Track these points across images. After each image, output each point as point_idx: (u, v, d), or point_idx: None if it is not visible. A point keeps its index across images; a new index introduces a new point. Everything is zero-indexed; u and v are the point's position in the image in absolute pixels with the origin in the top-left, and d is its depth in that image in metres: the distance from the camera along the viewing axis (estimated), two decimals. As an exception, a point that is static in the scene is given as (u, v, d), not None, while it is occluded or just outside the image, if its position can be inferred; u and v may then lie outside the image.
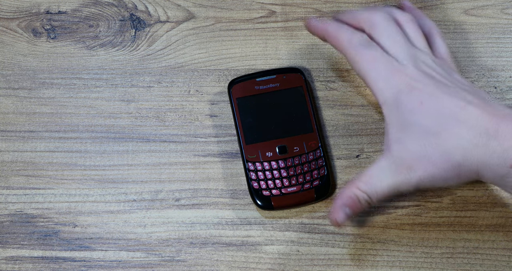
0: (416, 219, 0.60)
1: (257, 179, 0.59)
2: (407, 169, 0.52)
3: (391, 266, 0.59)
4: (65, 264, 0.59)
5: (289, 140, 0.59)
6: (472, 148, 0.50)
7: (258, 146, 0.59)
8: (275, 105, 0.60)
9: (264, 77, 0.61)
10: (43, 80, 0.65)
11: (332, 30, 0.57)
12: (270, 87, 0.61)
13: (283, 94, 0.61)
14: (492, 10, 0.68)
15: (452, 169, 0.51)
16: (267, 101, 0.61)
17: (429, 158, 0.51)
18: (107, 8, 0.68)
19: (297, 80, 0.61)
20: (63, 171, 0.62)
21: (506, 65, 0.65)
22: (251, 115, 0.60)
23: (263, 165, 0.59)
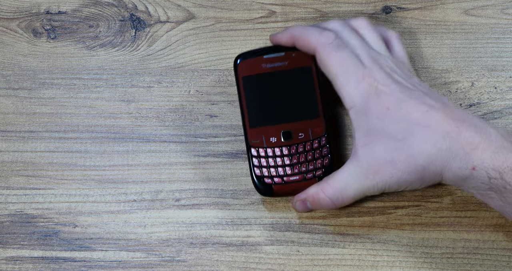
0: (416, 219, 0.60)
1: (260, 166, 0.57)
2: (373, 173, 0.53)
3: (391, 266, 0.59)
4: (65, 264, 0.59)
5: (294, 125, 0.57)
6: (436, 151, 0.51)
7: (263, 130, 0.57)
8: (281, 86, 0.57)
9: (273, 54, 0.58)
10: (43, 80, 0.65)
11: (298, 33, 0.57)
12: (278, 66, 0.57)
13: (291, 75, 0.57)
14: (492, 10, 0.68)
15: (416, 172, 0.52)
16: (274, 82, 0.57)
17: (395, 163, 0.52)
18: (107, 8, 0.68)
19: (306, 60, 0.58)
20: (63, 171, 0.62)
21: (506, 65, 0.65)
22: (257, 96, 0.57)
23: (266, 152, 0.57)
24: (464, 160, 0.51)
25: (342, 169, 0.55)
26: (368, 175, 0.53)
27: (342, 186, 0.54)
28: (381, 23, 0.67)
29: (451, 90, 0.65)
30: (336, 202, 0.55)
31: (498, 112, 0.64)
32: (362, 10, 0.68)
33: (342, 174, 0.55)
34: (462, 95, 0.65)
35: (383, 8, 0.68)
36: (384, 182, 0.53)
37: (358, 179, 0.54)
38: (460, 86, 0.65)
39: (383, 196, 0.61)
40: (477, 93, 0.65)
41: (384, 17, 0.68)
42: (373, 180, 0.53)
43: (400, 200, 0.61)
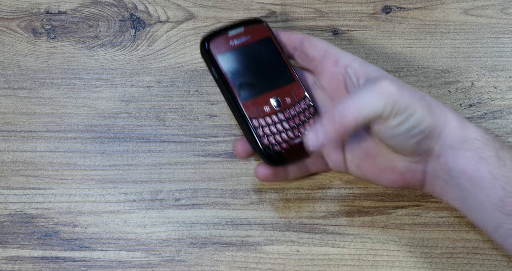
0: (416, 219, 0.60)
1: (265, 135, 0.56)
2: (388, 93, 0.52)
3: (391, 266, 0.59)
4: (65, 264, 0.59)
5: (278, 92, 0.57)
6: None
7: (254, 102, 0.57)
8: (253, 58, 0.58)
9: (235, 30, 0.58)
10: (43, 80, 0.65)
11: (303, 35, 0.59)
12: (244, 41, 0.57)
13: (257, 47, 0.58)
14: (492, 10, 0.68)
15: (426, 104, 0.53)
16: (246, 55, 0.57)
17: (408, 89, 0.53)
18: (107, 8, 0.68)
19: (264, 31, 0.59)
20: (63, 171, 0.62)
21: (506, 65, 0.66)
22: (236, 71, 0.57)
23: (265, 120, 0.57)
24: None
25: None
26: (385, 95, 0.51)
27: (359, 102, 0.52)
28: (381, 23, 0.67)
29: (451, 90, 0.65)
30: (347, 118, 0.51)
31: (498, 112, 0.64)
32: (362, 10, 0.68)
33: (358, 94, 0.53)
34: (462, 95, 0.65)
35: (383, 8, 0.68)
36: (395, 101, 0.51)
37: (375, 98, 0.52)
38: (460, 86, 0.65)
39: (383, 196, 0.61)
40: (477, 93, 0.65)
41: (384, 17, 0.68)
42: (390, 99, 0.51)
43: (400, 200, 0.61)
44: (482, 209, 0.52)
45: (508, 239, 0.52)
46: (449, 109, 0.54)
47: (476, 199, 0.52)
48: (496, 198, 0.51)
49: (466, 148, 0.52)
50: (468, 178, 0.52)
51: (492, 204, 0.51)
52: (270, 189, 0.61)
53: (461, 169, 0.52)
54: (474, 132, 0.53)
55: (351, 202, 0.61)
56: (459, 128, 0.53)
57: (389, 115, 0.51)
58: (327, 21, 0.68)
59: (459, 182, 0.53)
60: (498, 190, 0.51)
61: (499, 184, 0.51)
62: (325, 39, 0.60)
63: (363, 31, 0.67)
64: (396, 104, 0.51)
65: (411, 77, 0.65)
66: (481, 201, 0.52)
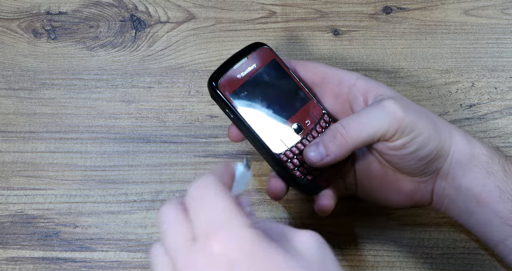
0: (416, 220, 0.60)
1: (296, 167, 0.54)
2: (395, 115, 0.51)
3: (392, 267, 0.59)
4: (66, 265, 0.59)
5: (297, 116, 0.55)
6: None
7: (277, 135, 0.55)
8: (264, 87, 0.55)
9: (239, 62, 0.55)
10: (44, 81, 0.65)
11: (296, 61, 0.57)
12: (250, 71, 0.55)
13: (265, 73, 0.56)
14: (492, 11, 0.68)
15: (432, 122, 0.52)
16: (256, 87, 0.55)
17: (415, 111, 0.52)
18: (108, 9, 0.68)
19: (267, 54, 0.56)
20: (64, 172, 0.62)
21: (507, 66, 0.66)
22: (251, 107, 0.55)
23: (292, 151, 0.55)
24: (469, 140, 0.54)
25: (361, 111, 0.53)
26: (390, 115, 0.51)
27: (363, 117, 0.52)
28: (382, 24, 0.67)
29: (451, 91, 0.65)
30: (350, 133, 0.51)
31: (498, 113, 0.64)
32: (362, 10, 0.68)
33: (362, 112, 0.52)
34: (462, 95, 0.65)
35: (383, 8, 0.68)
36: (400, 122, 0.51)
37: (379, 117, 0.51)
38: (460, 86, 0.65)
39: (383, 196, 0.61)
40: (477, 94, 0.65)
41: (384, 17, 0.68)
42: (394, 119, 0.51)
43: (401, 200, 0.61)
44: (489, 224, 0.52)
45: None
46: (453, 126, 0.54)
47: (483, 214, 0.52)
48: (504, 212, 0.51)
49: (474, 163, 0.52)
50: (476, 194, 0.52)
51: (500, 218, 0.51)
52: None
53: (468, 186, 0.52)
54: (480, 148, 0.53)
55: (351, 202, 0.61)
56: (465, 144, 0.53)
57: (393, 135, 0.51)
58: (328, 22, 0.68)
59: (466, 198, 0.53)
60: (506, 203, 0.51)
61: (507, 197, 0.51)
62: (319, 62, 0.59)
63: (363, 32, 0.67)
64: (401, 125, 0.50)
65: (411, 77, 0.65)
66: (488, 216, 0.52)
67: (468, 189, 0.52)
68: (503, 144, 0.63)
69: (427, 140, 0.51)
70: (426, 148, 0.51)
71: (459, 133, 0.53)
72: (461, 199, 0.53)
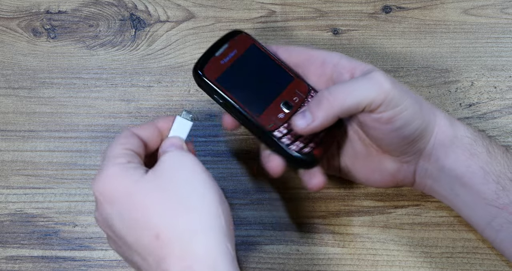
0: (415, 219, 0.60)
1: (290, 142, 0.55)
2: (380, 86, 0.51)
3: (391, 266, 0.59)
4: (65, 264, 0.59)
5: (284, 95, 0.56)
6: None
7: (268, 113, 0.55)
8: (248, 70, 0.56)
9: (220, 49, 0.56)
10: (43, 79, 0.65)
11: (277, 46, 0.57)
12: (232, 56, 0.56)
13: (247, 57, 0.57)
14: (491, 10, 0.68)
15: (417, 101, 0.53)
16: (240, 70, 0.56)
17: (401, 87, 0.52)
18: (107, 8, 0.68)
19: (246, 40, 0.57)
20: (63, 171, 0.62)
21: (506, 65, 0.66)
22: (239, 89, 0.56)
23: (285, 127, 0.55)
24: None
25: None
26: (377, 85, 0.51)
27: (350, 85, 0.52)
28: (381, 23, 0.67)
29: (450, 90, 0.65)
30: (336, 98, 0.51)
31: (498, 112, 0.64)
32: (362, 9, 0.68)
33: (350, 81, 0.52)
34: (462, 94, 0.65)
35: (383, 8, 0.68)
36: (387, 93, 0.51)
37: (367, 86, 0.51)
38: (459, 85, 0.65)
39: (382, 196, 0.61)
40: (476, 93, 0.65)
41: (384, 16, 0.68)
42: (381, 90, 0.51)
43: (400, 199, 0.61)
44: (474, 205, 0.53)
45: (500, 233, 0.52)
46: (437, 108, 0.54)
47: (467, 195, 0.53)
48: (489, 192, 0.52)
49: (457, 145, 0.53)
50: (459, 175, 0.52)
51: (485, 199, 0.52)
52: (270, 189, 0.61)
53: (452, 166, 0.53)
54: (463, 130, 0.53)
55: (351, 202, 0.61)
56: (448, 126, 0.53)
57: (379, 106, 0.51)
58: (327, 21, 0.68)
59: (450, 180, 0.53)
60: (491, 184, 0.52)
61: (492, 178, 0.52)
62: (309, 40, 0.59)
63: (363, 31, 0.67)
64: (388, 97, 0.50)
65: (411, 77, 0.65)
66: (473, 197, 0.52)
67: (452, 169, 0.53)
68: (502, 143, 0.63)
69: (411, 117, 0.51)
70: (411, 125, 0.51)
71: (443, 116, 0.54)
72: (445, 180, 0.53)
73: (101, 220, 0.49)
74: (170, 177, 0.47)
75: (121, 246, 0.49)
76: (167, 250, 0.44)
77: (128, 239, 0.47)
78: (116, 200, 0.47)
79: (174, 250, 0.44)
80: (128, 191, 0.47)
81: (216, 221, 0.46)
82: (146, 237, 0.45)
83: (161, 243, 0.45)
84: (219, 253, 0.45)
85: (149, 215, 0.46)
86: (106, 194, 0.48)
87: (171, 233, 0.45)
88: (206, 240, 0.45)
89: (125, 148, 0.50)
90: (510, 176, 0.52)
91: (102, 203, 0.48)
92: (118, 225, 0.47)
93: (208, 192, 0.47)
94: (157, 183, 0.47)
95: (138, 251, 0.46)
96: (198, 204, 0.46)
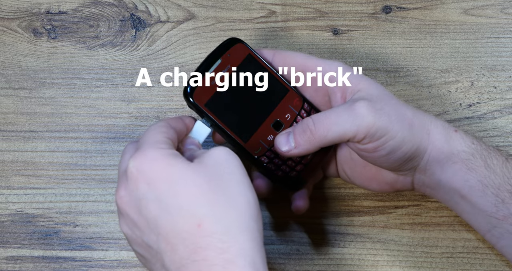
0: (416, 219, 0.60)
1: (278, 167, 0.55)
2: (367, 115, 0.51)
3: (391, 266, 0.59)
4: (66, 264, 0.59)
5: (276, 112, 0.55)
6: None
7: (256, 137, 0.55)
8: (241, 88, 0.55)
9: (213, 66, 0.54)
10: (44, 80, 0.66)
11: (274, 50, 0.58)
12: (225, 72, 0.54)
13: (241, 72, 0.55)
14: (492, 10, 0.68)
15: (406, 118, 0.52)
16: (232, 90, 0.54)
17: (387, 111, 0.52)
18: (108, 8, 0.68)
19: (242, 50, 0.55)
20: (64, 171, 0.62)
21: (506, 65, 0.66)
22: (228, 112, 0.54)
23: (272, 152, 0.55)
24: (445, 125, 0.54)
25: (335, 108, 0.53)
26: (358, 119, 0.51)
27: (333, 117, 0.52)
28: (381, 23, 0.68)
29: (451, 90, 0.65)
30: (318, 131, 0.52)
31: (498, 112, 0.64)
32: (362, 10, 0.68)
33: (333, 111, 0.53)
34: (462, 95, 0.65)
35: (383, 8, 0.68)
36: (369, 127, 0.51)
37: (348, 120, 0.51)
38: (460, 86, 0.65)
39: (383, 196, 0.61)
40: (477, 93, 0.65)
41: (384, 17, 0.68)
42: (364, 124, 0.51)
43: (400, 199, 0.61)
44: (474, 214, 0.53)
45: (501, 240, 0.52)
46: (432, 122, 0.53)
47: (467, 205, 0.53)
48: (488, 205, 0.52)
49: (453, 161, 0.53)
50: (457, 188, 0.52)
51: (484, 211, 0.52)
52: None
53: (449, 180, 0.53)
54: (460, 144, 0.53)
55: (351, 202, 0.61)
56: (444, 142, 0.53)
57: (363, 139, 0.51)
58: (327, 21, 0.68)
59: (448, 191, 0.53)
60: (489, 197, 0.52)
61: (490, 191, 0.52)
62: (298, 51, 0.58)
63: (363, 31, 0.67)
64: (370, 131, 0.51)
65: (411, 77, 0.65)
66: (472, 208, 0.52)
67: (449, 183, 0.53)
68: (502, 143, 0.63)
69: (399, 144, 0.51)
70: (399, 151, 0.52)
71: (438, 132, 0.53)
72: (443, 191, 0.54)
73: (128, 199, 0.47)
74: (219, 172, 0.46)
75: (141, 228, 0.47)
76: (208, 240, 0.44)
77: (161, 223, 0.45)
78: (157, 183, 0.45)
79: (216, 241, 0.44)
80: (172, 177, 0.45)
81: (256, 224, 0.45)
82: (186, 224, 0.44)
83: (203, 232, 0.44)
84: (257, 252, 0.45)
85: (195, 204, 0.44)
86: (147, 174, 0.46)
87: (216, 225, 0.44)
88: (250, 238, 0.44)
89: (167, 137, 0.49)
90: (509, 188, 0.52)
91: (139, 182, 0.46)
92: (152, 207, 0.45)
93: (251, 196, 0.46)
94: (205, 175, 0.46)
95: (168, 237, 0.45)
96: (243, 204, 0.45)
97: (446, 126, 0.54)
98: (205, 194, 0.45)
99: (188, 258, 0.44)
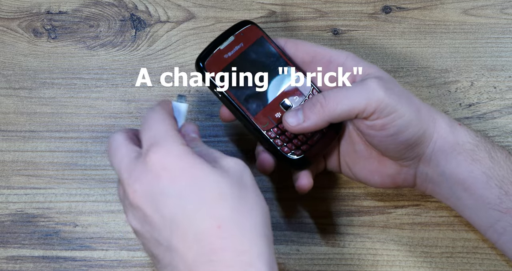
0: (415, 219, 0.60)
1: (283, 143, 0.55)
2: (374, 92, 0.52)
3: (391, 266, 0.59)
4: (66, 264, 0.59)
5: (285, 92, 0.56)
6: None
7: (265, 112, 0.56)
8: (251, 66, 0.56)
9: (226, 42, 0.56)
10: (44, 80, 0.66)
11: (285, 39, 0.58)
12: (237, 50, 0.56)
13: (252, 51, 0.56)
14: (491, 10, 0.68)
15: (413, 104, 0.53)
16: (243, 66, 0.56)
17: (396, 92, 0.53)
18: (108, 8, 0.68)
19: (254, 32, 0.57)
20: (64, 171, 0.62)
21: (506, 65, 0.66)
22: (239, 86, 0.55)
23: (279, 128, 0.55)
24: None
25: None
26: (369, 93, 0.52)
27: (343, 91, 0.53)
28: (381, 23, 0.68)
29: (450, 90, 0.65)
30: (328, 104, 0.52)
31: (498, 112, 0.64)
32: (362, 10, 0.68)
33: (345, 86, 0.53)
34: (461, 95, 0.65)
35: (382, 8, 0.68)
36: (380, 101, 0.51)
37: (359, 94, 0.52)
38: (459, 86, 0.65)
39: (382, 196, 0.61)
40: (476, 93, 0.65)
41: (383, 17, 0.68)
42: (374, 98, 0.51)
43: (400, 199, 0.61)
44: (477, 208, 0.53)
45: (503, 236, 0.52)
46: (438, 113, 0.54)
47: (470, 199, 0.53)
48: (492, 197, 0.52)
49: (458, 151, 0.53)
50: (461, 180, 0.52)
51: (488, 203, 0.52)
52: (270, 189, 0.61)
53: (453, 171, 0.53)
54: (465, 135, 0.53)
55: (350, 202, 0.61)
56: (449, 132, 0.53)
57: (372, 114, 0.51)
58: (327, 21, 0.68)
59: (451, 184, 0.53)
60: (493, 189, 0.52)
61: (494, 183, 0.52)
62: (309, 40, 0.59)
63: (363, 31, 0.67)
64: (380, 105, 0.51)
65: (410, 77, 0.65)
66: (475, 201, 0.52)
67: (453, 174, 0.53)
68: (502, 143, 0.63)
69: (407, 124, 0.52)
70: (406, 131, 0.52)
71: (443, 121, 0.54)
72: (445, 185, 0.54)
73: (144, 193, 0.46)
74: (240, 181, 0.46)
75: (153, 223, 0.46)
76: (226, 241, 0.44)
77: (178, 220, 0.45)
78: (181, 181, 0.45)
79: (234, 244, 0.44)
80: (197, 177, 0.45)
81: (270, 233, 0.46)
82: (206, 223, 0.44)
83: (222, 233, 0.44)
84: (272, 258, 0.45)
85: (217, 205, 0.45)
86: (171, 169, 0.45)
87: (236, 228, 0.44)
88: (267, 243, 0.45)
89: (176, 129, 0.48)
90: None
91: (161, 175, 0.45)
92: (171, 203, 0.45)
93: (266, 206, 0.47)
94: (228, 180, 0.46)
95: (183, 235, 0.44)
96: (260, 213, 0.46)
97: (450, 119, 0.54)
98: (227, 198, 0.45)
99: (202, 258, 0.44)
